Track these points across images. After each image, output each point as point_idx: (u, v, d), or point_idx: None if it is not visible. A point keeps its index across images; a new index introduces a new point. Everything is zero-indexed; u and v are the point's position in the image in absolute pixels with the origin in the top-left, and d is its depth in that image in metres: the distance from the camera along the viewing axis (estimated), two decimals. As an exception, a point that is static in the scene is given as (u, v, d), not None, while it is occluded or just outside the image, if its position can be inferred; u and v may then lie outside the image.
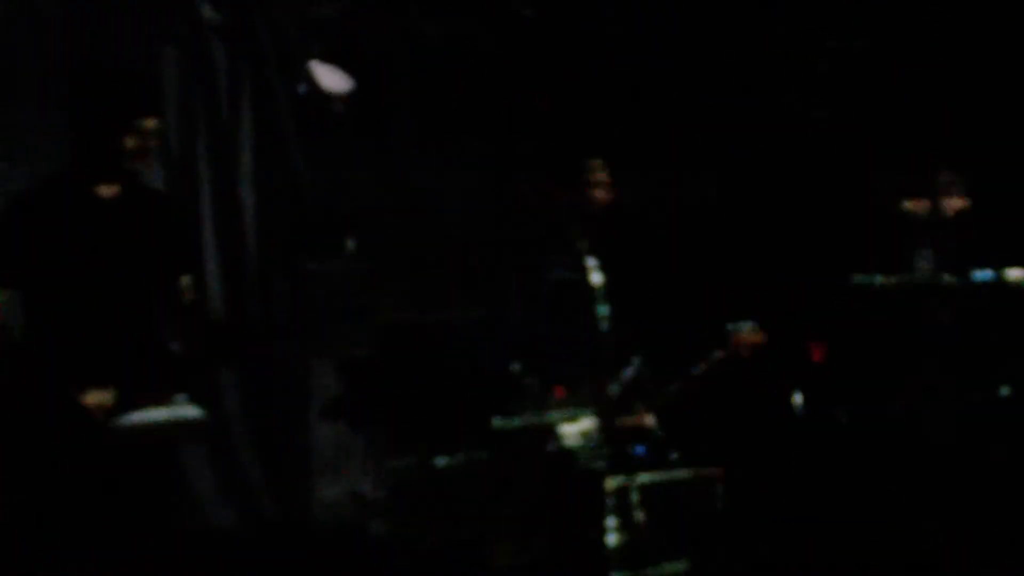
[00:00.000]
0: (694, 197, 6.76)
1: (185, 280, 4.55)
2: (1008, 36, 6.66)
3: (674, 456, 5.18)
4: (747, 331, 5.54)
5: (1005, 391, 5.75)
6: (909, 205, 6.22)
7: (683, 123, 6.78)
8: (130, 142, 4.30)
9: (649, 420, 5.27)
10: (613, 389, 5.32)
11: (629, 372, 5.39)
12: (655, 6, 6.87)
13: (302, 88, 6.07)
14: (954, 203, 6.14)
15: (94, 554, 4.24)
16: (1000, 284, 5.67)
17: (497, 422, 4.86)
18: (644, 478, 5.05)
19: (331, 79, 6.07)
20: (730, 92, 6.80)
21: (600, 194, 5.55)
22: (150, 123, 4.32)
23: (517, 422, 4.81)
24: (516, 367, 4.84)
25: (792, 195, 6.81)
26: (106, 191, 4.38)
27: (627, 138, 6.24)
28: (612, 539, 4.96)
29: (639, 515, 4.99)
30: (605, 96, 6.70)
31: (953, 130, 6.49)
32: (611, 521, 4.96)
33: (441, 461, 4.91)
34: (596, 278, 5.50)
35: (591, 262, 5.52)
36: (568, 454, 5.09)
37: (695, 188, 6.77)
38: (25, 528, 4.23)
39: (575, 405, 4.94)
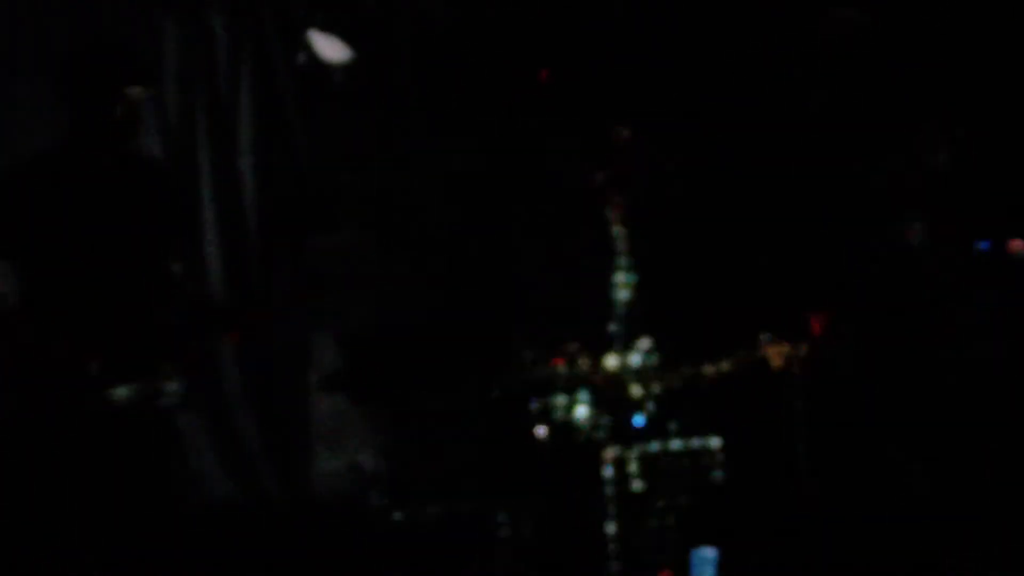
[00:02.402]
0: (692, 169, 6.74)
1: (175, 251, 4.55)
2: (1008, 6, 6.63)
3: (673, 426, 5.17)
4: (782, 347, 5.44)
5: (1006, 363, 5.74)
6: (896, 173, 6.19)
7: (681, 98, 6.76)
8: (118, 111, 4.29)
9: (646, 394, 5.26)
10: (612, 364, 5.31)
11: (636, 357, 5.38)
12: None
13: (301, 58, 6.06)
14: (937, 166, 6.11)
15: (93, 530, 4.23)
16: (1000, 254, 5.65)
17: (496, 392, 4.86)
18: (643, 448, 5.05)
19: (331, 50, 6.05)
20: (730, 65, 6.77)
21: (626, 163, 5.50)
22: (136, 92, 4.31)
23: (516, 392, 4.80)
24: (516, 337, 4.83)
25: (790, 167, 6.79)
26: (100, 162, 4.38)
27: (626, 111, 6.22)
28: (610, 509, 4.96)
29: (637, 485, 4.98)
30: (604, 70, 6.67)
31: (952, 100, 6.47)
32: (609, 491, 4.96)
33: (439, 432, 4.91)
34: (622, 247, 5.49)
35: (618, 231, 5.51)
36: (566, 424, 5.09)
37: (692, 159, 6.75)
38: (22, 503, 4.23)
39: (573, 377, 4.94)
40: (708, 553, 5.04)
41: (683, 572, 5.03)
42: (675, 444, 5.15)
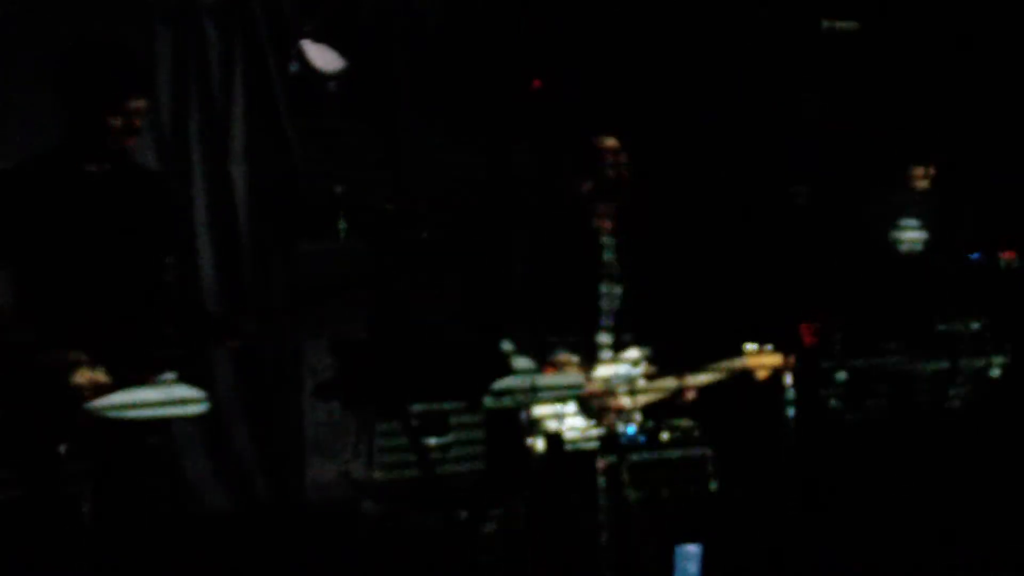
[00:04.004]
0: (683, 178, 6.76)
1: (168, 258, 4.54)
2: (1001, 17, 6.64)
3: (665, 436, 5.17)
4: (768, 355, 5.43)
5: (995, 372, 5.74)
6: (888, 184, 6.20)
7: (670, 107, 6.77)
8: (117, 120, 4.28)
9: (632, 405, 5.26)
10: (601, 374, 5.31)
11: (625, 367, 5.37)
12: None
13: (294, 67, 6.06)
14: (922, 180, 6.10)
15: (86, 537, 4.23)
16: (992, 265, 5.65)
17: (488, 402, 4.85)
18: (635, 458, 5.05)
19: (323, 58, 6.05)
20: (718, 74, 6.78)
21: (613, 172, 5.50)
22: (137, 102, 4.31)
23: (507, 401, 4.79)
24: (507, 346, 4.83)
25: (778, 176, 6.80)
26: (95, 169, 4.37)
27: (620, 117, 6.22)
28: (603, 518, 4.96)
29: (630, 494, 4.98)
30: (592, 79, 6.69)
31: (943, 114, 6.48)
32: (602, 500, 4.95)
33: (432, 441, 4.90)
34: (608, 257, 5.50)
35: (606, 240, 5.52)
36: (558, 434, 5.08)
37: (685, 168, 6.77)
38: (17, 509, 4.22)
39: (564, 386, 4.93)
40: (692, 549, 5.04)
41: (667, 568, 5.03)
42: (667, 454, 5.15)
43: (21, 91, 5.54)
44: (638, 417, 5.19)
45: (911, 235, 6.07)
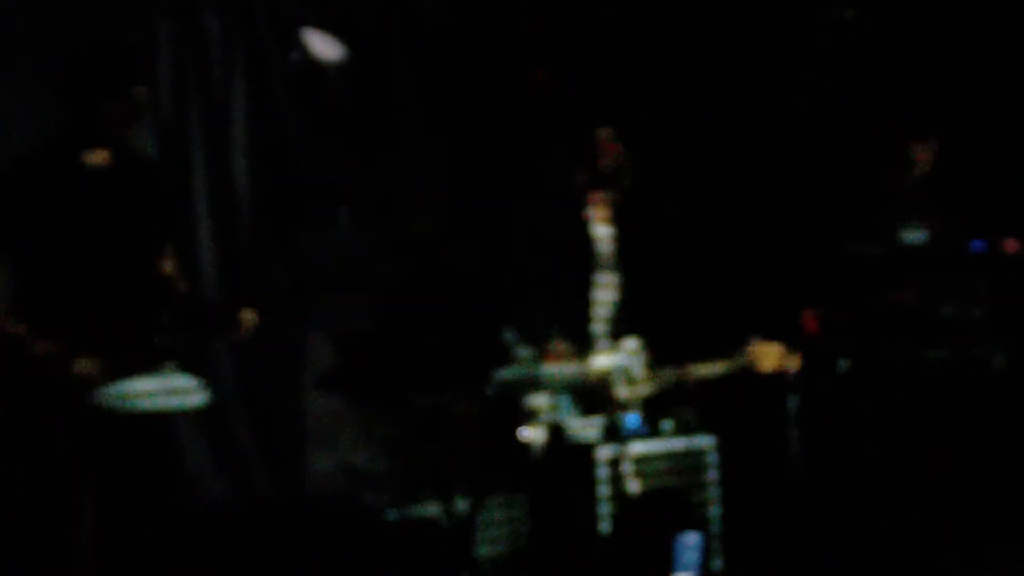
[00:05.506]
0: (684, 166, 6.75)
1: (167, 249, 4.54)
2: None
3: (667, 426, 5.17)
4: (773, 351, 5.37)
5: (997, 362, 5.75)
6: (888, 176, 6.18)
7: (669, 97, 6.76)
8: (116, 110, 4.28)
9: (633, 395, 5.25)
10: (601, 364, 5.31)
11: (625, 357, 5.36)
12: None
13: (294, 56, 6.06)
14: (924, 166, 6.08)
15: (86, 528, 4.22)
16: (994, 254, 5.65)
17: (489, 391, 4.85)
18: (637, 448, 5.04)
19: (324, 48, 6.05)
20: (718, 64, 6.78)
21: (608, 162, 5.50)
22: (137, 91, 4.31)
23: (509, 392, 4.80)
24: (509, 335, 4.83)
25: (782, 165, 6.79)
26: (94, 159, 4.37)
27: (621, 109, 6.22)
28: (604, 510, 4.95)
29: (632, 485, 4.98)
30: (591, 70, 6.69)
31: (945, 101, 6.47)
32: (603, 491, 4.95)
33: (432, 432, 4.90)
34: (605, 247, 5.50)
35: (602, 231, 5.52)
36: (558, 424, 5.08)
37: (684, 156, 6.76)
38: (15, 503, 4.22)
39: (565, 376, 4.93)
40: (691, 538, 5.04)
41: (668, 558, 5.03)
42: (668, 443, 5.15)
43: (20, 85, 5.54)
44: (639, 407, 5.19)
45: (912, 223, 6.06)
